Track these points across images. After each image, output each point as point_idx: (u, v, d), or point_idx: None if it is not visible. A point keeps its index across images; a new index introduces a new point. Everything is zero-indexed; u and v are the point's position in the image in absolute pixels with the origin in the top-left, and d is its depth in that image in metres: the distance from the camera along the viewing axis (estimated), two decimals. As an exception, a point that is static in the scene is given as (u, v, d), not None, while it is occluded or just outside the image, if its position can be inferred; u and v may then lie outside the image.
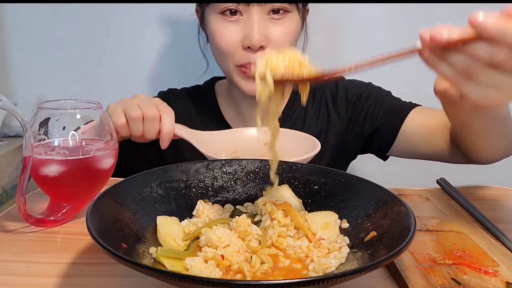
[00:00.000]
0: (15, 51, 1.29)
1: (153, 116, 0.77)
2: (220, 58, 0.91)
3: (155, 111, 0.77)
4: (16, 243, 0.59)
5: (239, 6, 0.84)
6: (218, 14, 0.87)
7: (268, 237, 0.53)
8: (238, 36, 0.86)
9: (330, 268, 0.48)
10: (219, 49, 0.89)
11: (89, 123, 0.64)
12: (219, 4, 0.85)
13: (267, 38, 0.85)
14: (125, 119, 0.77)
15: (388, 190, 0.56)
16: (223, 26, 0.87)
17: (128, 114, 0.76)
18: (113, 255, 0.40)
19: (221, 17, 0.87)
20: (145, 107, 0.77)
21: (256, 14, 0.84)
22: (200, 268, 0.47)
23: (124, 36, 1.27)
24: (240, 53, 0.87)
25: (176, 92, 1.08)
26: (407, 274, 0.49)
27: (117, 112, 0.77)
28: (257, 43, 0.84)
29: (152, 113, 0.77)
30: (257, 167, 0.66)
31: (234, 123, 1.02)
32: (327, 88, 1.02)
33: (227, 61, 0.89)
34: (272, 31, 0.86)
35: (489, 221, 0.66)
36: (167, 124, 0.78)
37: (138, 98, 0.81)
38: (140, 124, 0.77)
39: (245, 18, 0.85)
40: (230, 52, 0.87)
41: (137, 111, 0.76)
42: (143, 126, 0.77)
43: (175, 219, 0.57)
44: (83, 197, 0.65)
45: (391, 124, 0.94)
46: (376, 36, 1.25)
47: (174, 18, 1.26)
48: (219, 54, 0.91)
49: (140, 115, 0.76)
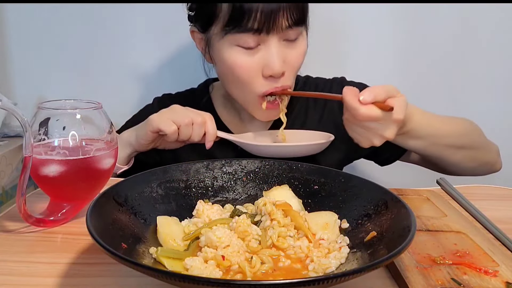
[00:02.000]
0: (15, 51, 1.29)
1: (202, 121, 0.85)
2: (237, 89, 0.90)
3: (202, 118, 0.85)
4: (16, 243, 0.59)
5: (258, 36, 0.82)
6: (234, 46, 0.84)
7: (268, 237, 0.53)
8: (258, 66, 0.85)
9: (330, 268, 0.48)
10: (239, 80, 0.87)
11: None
12: (235, 36, 0.83)
13: (286, 63, 0.85)
14: (176, 126, 0.84)
15: (388, 190, 0.56)
16: (241, 57, 0.85)
17: (180, 121, 0.84)
18: (113, 255, 0.40)
19: (239, 49, 0.84)
20: (192, 114, 0.85)
21: (275, 42, 0.83)
22: (200, 268, 0.47)
23: (124, 36, 1.27)
24: (262, 82, 0.86)
25: (171, 97, 1.08)
26: (407, 274, 0.49)
27: (166, 121, 0.84)
28: (278, 71, 0.84)
29: (201, 119, 0.85)
30: (257, 167, 0.66)
31: (231, 124, 1.02)
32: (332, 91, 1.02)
33: (247, 91, 0.88)
34: (289, 56, 0.86)
35: (489, 221, 0.66)
36: (211, 127, 0.86)
37: (178, 108, 0.88)
38: (190, 129, 0.85)
39: (263, 47, 0.84)
40: (251, 83, 0.87)
41: (188, 118, 0.84)
42: (192, 131, 0.85)
43: (175, 219, 0.57)
44: (83, 197, 0.65)
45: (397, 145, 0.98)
46: (376, 37, 1.25)
47: (174, 18, 1.26)
48: (235, 85, 0.90)
49: (190, 121, 0.84)
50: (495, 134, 1.12)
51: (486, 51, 1.25)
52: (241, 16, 0.80)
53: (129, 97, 1.29)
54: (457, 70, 1.26)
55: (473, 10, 1.23)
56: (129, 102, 1.26)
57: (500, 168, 0.96)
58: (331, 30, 1.24)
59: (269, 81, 0.86)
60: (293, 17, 0.82)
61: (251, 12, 0.80)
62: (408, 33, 1.24)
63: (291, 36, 0.85)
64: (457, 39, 1.24)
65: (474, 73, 1.27)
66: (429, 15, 1.23)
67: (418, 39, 1.24)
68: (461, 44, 1.24)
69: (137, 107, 1.10)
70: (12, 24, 1.27)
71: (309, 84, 1.05)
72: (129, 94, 1.30)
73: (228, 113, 1.03)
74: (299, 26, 0.85)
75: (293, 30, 0.84)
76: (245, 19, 0.80)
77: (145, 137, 0.86)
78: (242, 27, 0.81)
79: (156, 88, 1.27)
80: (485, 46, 1.25)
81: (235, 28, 0.82)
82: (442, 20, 1.23)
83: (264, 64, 0.85)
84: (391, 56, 1.26)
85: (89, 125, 0.64)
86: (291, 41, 0.86)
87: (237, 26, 0.81)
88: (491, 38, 1.25)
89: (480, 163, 0.92)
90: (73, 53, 1.28)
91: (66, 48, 1.28)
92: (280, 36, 0.84)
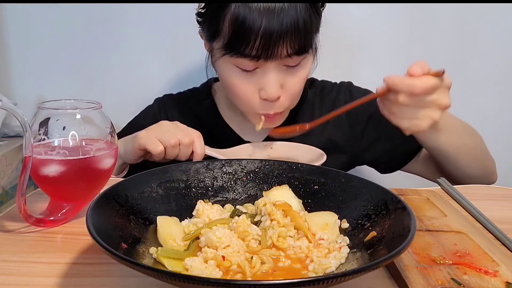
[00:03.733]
0: (15, 51, 1.29)
1: (189, 142, 0.84)
2: (236, 102, 0.91)
3: (190, 138, 0.84)
4: (16, 243, 0.59)
5: (256, 62, 0.82)
6: (233, 66, 0.85)
7: (268, 237, 0.53)
8: (255, 88, 0.85)
9: (330, 268, 0.48)
10: (235, 96, 0.89)
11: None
12: (234, 58, 0.82)
13: (283, 87, 0.85)
14: (163, 147, 0.83)
15: (388, 190, 0.55)
16: (239, 79, 0.85)
17: (167, 141, 0.83)
18: (113, 255, 0.40)
19: (237, 70, 0.85)
20: (180, 134, 0.84)
21: (273, 66, 0.83)
22: (200, 268, 0.47)
23: (124, 36, 1.27)
24: (258, 102, 0.86)
25: (172, 98, 1.08)
26: (407, 274, 0.49)
27: (153, 140, 0.83)
28: (273, 96, 0.84)
29: (188, 140, 0.84)
30: (257, 167, 0.66)
31: (234, 124, 1.01)
32: (340, 96, 1.02)
33: (245, 107, 0.90)
34: (287, 82, 0.85)
35: (489, 221, 0.66)
36: (199, 147, 0.85)
37: (166, 126, 0.87)
38: (176, 149, 0.84)
39: (261, 71, 0.84)
40: (247, 102, 0.88)
41: (175, 139, 0.83)
42: (179, 151, 0.84)
43: (175, 219, 0.57)
44: (83, 197, 0.65)
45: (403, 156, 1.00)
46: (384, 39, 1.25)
47: (175, 18, 1.26)
48: (234, 99, 0.91)
49: (177, 142, 0.83)
50: (495, 134, 1.13)
51: (488, 52, 1.25)
52: (240, 41, 0.80)
53: (129, 97, 1.29)
54: (463, 73, 1.26)
55: (473, 10, 1.23)
56: (129, 102, 1.26)
57: (495, 180, 0.96)
58: (338, 33, 1.24)
59: (265, 103, 0.86)
60: (294, 46, 0.81)
61: (249, 38, 0.78)
62: (413, 36, 1.24)
63: (291, 63, 0.84)
64: (463, 44, 1.24)
65: (475, 74, 1.27)
66: (430, 16, 1.23)
67: (424, 42, 1.24)
68: (466, 49, 1.24)
69: (137, 107, 1.10)
70: (12, 24, 1.27)
71: (315, 87, 1.05)
72: (129, 94, 1.30)
73: (231, 113, 1.03)
74: (300, 55, 0.83)
75: (293, 59, 0.83)
76: (243, 45, 0.79)
77: (132, 152, 0.86)
78: (240, 52, 0.81)
79: (156, 88, 1.27)
80: (488, 48, 1.25)
81: (233, 51, 0.81)
82: (442, 20, 1.24)
83: (260, 87, 0.85)
84: (397, 59, 1.25)
85: (89, 125, 0.64)
86: (292, 69, 0.85)
87: (236, 50, 0.81)
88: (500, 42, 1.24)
89: (482, 170, 0.91)
90: (73, 53, 1.28)
91: (66, 48, 1.28)
92: (279, 63, 0.83)
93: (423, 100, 0.73)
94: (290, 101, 0.89)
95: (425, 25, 1.24)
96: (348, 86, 1.05)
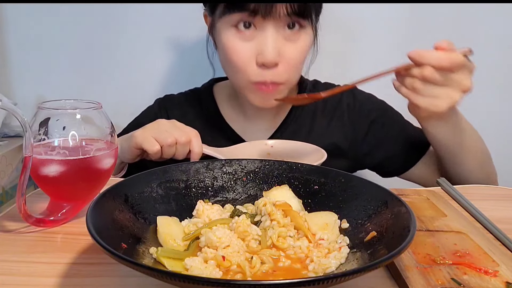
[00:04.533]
0: (15, 51, 1.29)
1: (186, 141, 0.83)
2: (233, 74, 0.90)
3: (186, 137, 0.83)
4: (16, 243, 0.59)
5: (254, 19, 0.82)
6: (231, 28, 0.85)
7: (268, 237, 0.53)
8: (252, 53, 0.85)
9: (330, 268, 0.48)
10: (233, 65, 0.87)
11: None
12: (233, 16, 0.83)
13: (281, 55, 0.84)
14: (159, 146, 0.81)
15: (388, 190, 0.55)
16: (236, 41, 0.85)
17: (163, 140, 0.81)
18: (113, 255, 0.40)
19: (235, 31, 0.85)
20: (177, 133, 0.82)
21: (271, 30, 0.82)
22: (200, 268, 0.47)
23: (125, 36, 1.28)
24: (254, 70, 0.86)
25: (173, 98, 1.08)
26: (407, 274, 0.49)
27: (150, 140, 0.82)
28: (271, 61, 0.83)
29: (185, 139, 0.82)
30: (257, 167, 0.66)
31: (236, 124, 1.01)
32: (343, 99, 1.02)
33: (241, 78, 0.88)
34: (286, 49, 0.85)
35: (489, 221, 0.66)
36: (196, 146, 0.84)
37: (163, 124, 0.85)
38: (173, 148, 0.83)
39: (259, 33, 0.84)
40: (243, 69, 0.86)
41: (171, 138, 0.82)
42: (176, 150, 0.83)
43: (175, 219, 0.57)
44: (83, 197, 0.65)
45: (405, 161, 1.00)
46: (384, 39, 1.25)
47: (175, 17, 1.26)
48: (231, 70, 0.90)
49: (174, 141, 0.82)
50: (495, 134, 1.13)
51: (488, 52, 1.25)
52: None
53: (129, 97, 1.29)
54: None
55: (473, 10, 1.23)
56: (129, 102, 1.26)
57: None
58: (338, 31, 1.24)
59: (262, 69, 0.85)
60: (293, 6, 0.81)
61: None
62: (410, 35, 1.24)
63: (290, 27, 0.84)
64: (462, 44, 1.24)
65: (475, 74, 1.27)
66: (432, 15, 1.23)
67: (424, 42, 1.24)
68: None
69: (137, 107, 1.10)
70: (12, 24, 1.27)
71: (318, 88, 1.05)
72: (129, 94, 1.30)
73: (232, 112, 1.02)
74: (299, 17, 0.83)
75: (292, 20, 0.83)
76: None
77: (129, 151, 0.86)
78: (239, 7, 0.81)
79: (156, 88, 1.28)
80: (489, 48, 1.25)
81: (232, 7, 0.82)
82: (443, 20, 1.24)
83: (258, 51, 0.84)
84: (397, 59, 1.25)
85: (89, 125, 0.64)
86: (291, 35, 0.85)
87: (235, 5, 0.82)
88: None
89: (486, 179, 0.91)
90: (73, 53, 1.28)
91: (66, 48, 1.28)
92: (277, 24, 0.83)
93: (448, 77, 0.72)
94: (288, 73, 0.87)
95: (424, 25, 1.24)
96: (352, 89, 1.05)
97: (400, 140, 0.99)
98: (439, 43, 0.72)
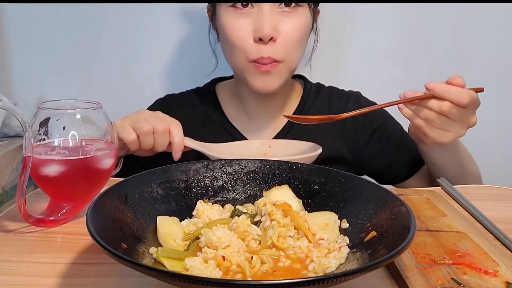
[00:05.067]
0: (15, 51, 1.29)
1: (164, 129, 0.80)
2: (232, 53, 0.90)
3: (165, 125, 0.80)
4: (16, 243, 0.59)
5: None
6: (229, 7, 0.87)
7: (268, 237, 0.53)
8: (249, 29, 0.86)
9: (330, 268, 0.48)
10: (231, 43, 0.88)
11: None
12: None
13: (277, 30, 0.85)
14: (136, 135, 0.79)
15: (388, 190, 0.56)
16: (234, 19, 0.87)
17: (140, 129, 0.79)
18: (113, 255, 0.40)
19: (232, 10, 0.87)
20: (154, 121, 0.80)
21: (267, 6, 0.84)
22: (200, 268, 0.47)
23: (125, 36, 1.27)
24: (252, 46, 0.86)
25: (174, 98, 1.07)
26: (407, 274, 0.49)
27: (126, 128, 0.79)
28: (267, 34, 0.84)
29: (163, 127, 0.80)
30: (257, 167, 0.66)
31: (238, 122, 1.01)
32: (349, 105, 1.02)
33: (239, 56, 0.89)
34: (283, 24, 0.86)
35: (489, 221, 0.66)
36: (177, 136, 0.81)
37: (143, 113, 0.83)
38: (151, 138, 0.80)
39: (256, 10, 0.85)
40: (241, 46, 0.87)
41: (148, 125, 0.79)
42: (154, 140, 0.80)
43: (175, 219, 0.57)
44: (83, 197, 0.65)
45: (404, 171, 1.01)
46: (382, 38, 1.25)
47: (175, 18, 1.26)
48: (230, 49, 0.90)
49: (151, 130, 0.79)
50: (495, 134, 1.13)
51: (488, 53, 1.25)
52: None
53: (129, 97, 1.29)
54: (462, 73, 1.26)
55: (473, 10, 1.23)
56: (129, 102, 1.26)
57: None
58: (338, 32, 1.24)
59: (259, 45, 0.86)
60: None
61: None
62: (409, 37, 1.24)
63: (286, 8, 0.86)
64: (459, 44, 1.24)
65: (474, 74, 1.27)
66: (432, 15, 1.23)
67: (421, 43, 1.24)
68: (464, 50, 1.24)
69: (137, 107, 1.09)
70: (12, 24, 1.27)
71: (323, 93, 1.05)
72: (130, 94, 1.30)
73: (234, 110, 1.02)
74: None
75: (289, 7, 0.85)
76: None
77: None
78: None
79: (156, 88, 1.27)
80: (488, 48, 1.25)
81: None
82: (444, 20, 1.24)
83: (255, 27, 0.85)
84: (393, 60, 1.25)
85: (89, 125, 0.64)
86: (288, 12, 0.87)
87: None
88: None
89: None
90: (73, 53, 1.28)
91: (66, 48, 1.28)
92: (274, 5, 0.85)
93: (463, 113, 0.74)
94: (285, 50, 0.87)
95: (424, 25, 1.24)
96: (358, 95, 1.05)
97: (401, 150, 0.99)
98: (456, 79, 0.74)
